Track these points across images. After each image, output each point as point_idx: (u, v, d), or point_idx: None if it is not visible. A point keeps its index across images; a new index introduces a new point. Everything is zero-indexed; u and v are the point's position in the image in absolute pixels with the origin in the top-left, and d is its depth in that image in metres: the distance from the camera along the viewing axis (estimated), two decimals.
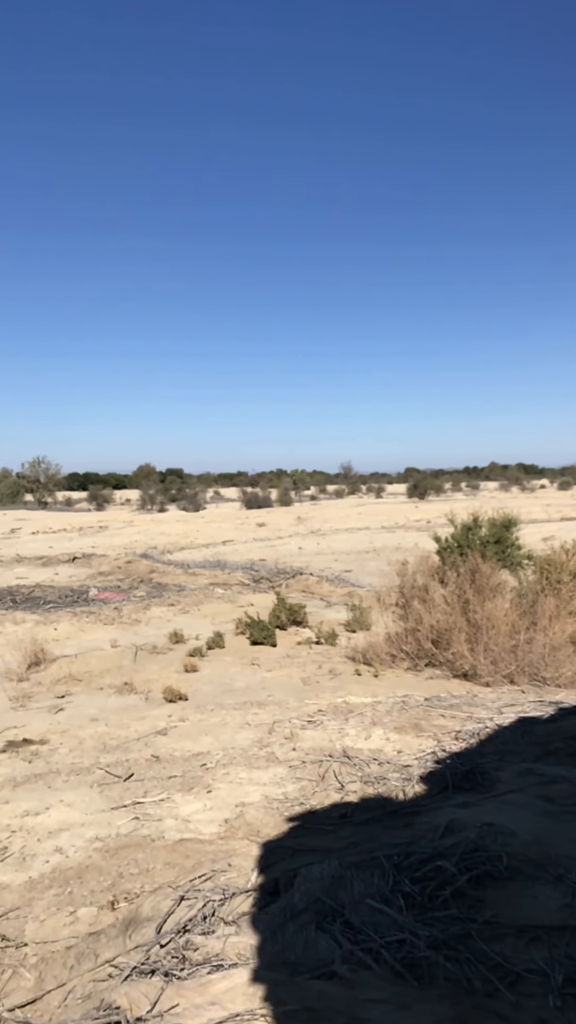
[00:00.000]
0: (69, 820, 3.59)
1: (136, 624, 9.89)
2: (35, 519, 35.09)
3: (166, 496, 49.92)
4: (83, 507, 49.19)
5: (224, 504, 51.48)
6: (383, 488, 64.39)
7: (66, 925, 2.57)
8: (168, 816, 3.59)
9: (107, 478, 77.17)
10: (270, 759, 4.39)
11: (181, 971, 2.04)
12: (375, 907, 2.21)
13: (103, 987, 2.08)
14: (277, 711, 5.59)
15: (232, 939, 2.18)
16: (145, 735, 5.09)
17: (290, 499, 48.24)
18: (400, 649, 7.05)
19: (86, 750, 4.82)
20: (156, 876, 2.93)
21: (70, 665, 7.45)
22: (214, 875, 2.85)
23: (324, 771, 4.06)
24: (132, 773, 4.27)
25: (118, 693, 6.55)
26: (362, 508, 40.03)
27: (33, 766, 4.48)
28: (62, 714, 5.87)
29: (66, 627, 9.41)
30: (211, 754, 4.57)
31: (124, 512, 43.37)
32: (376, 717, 5.10)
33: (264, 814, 3.53)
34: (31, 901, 2.78)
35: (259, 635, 8.34)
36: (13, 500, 49.50)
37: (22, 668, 7.14)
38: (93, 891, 2.84)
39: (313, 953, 2.01)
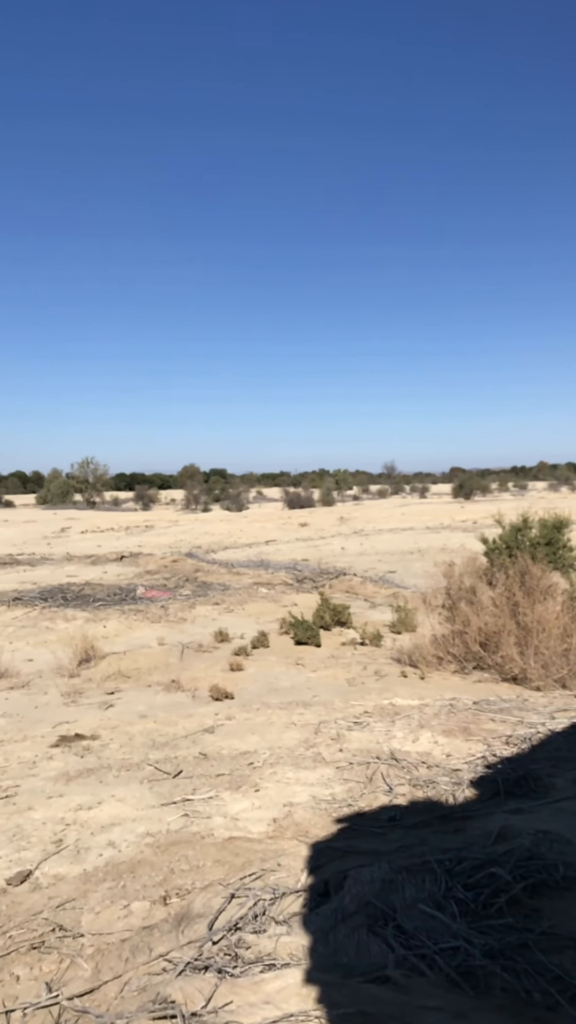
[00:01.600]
0: (121, 815, 3.66)
1: (182, 622, 10.02)
2: (84, 518, 35.90)
3: (210, 496, 50.41)
4: (129, 507, 50.09)
5: (267, 504, 51.69)
6: (427, 488, 63.64)
7: (120, 918, 2.62)
8: (217, 814, 3.62)
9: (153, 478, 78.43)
10: (317, 760, 4.39)
11: (234, 968, 2.05)
12: (428, 912, 2.19)
13: (158, 981, 2.12)
14: (323, 711, 5.59)
15: (284, 939, 2.18)
16: (193, 732, 5.15)
17: (332, 499, 48.12)
18: (447, 651, 6.95)
19: (136, 746, 4.90)
20: (206, 873, 2.96)
21: (119, 662, 7.59)
22: (264, 874, 2.86)
23: (372, 773, 4.04)
24: (181, 770, 4.32)
25: (166, 691, 6.65)
26: (406, 508, 39.65)
27: (85, 761, 4.58)
28: (112, 710, 5.99)
29: (115, 625, 9.60)
30: (258, 753, 4.60)
31: (169, 512, 43.99)
32: (423, 720, 5.05)
33: (312, 814, 3.52)
34: (86, 893, 2.84)
35: (303, 635, 8.35)
36: (63, 500, 50.74)
37: (73, 664, 7.31)
38: (145, 886, 2.88)
39: (365, 956, 2.00)
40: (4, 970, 2.31)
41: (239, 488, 56.84)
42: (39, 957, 2.38)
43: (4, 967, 2.33)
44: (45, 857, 3.20)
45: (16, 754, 4.70)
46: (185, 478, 63.40)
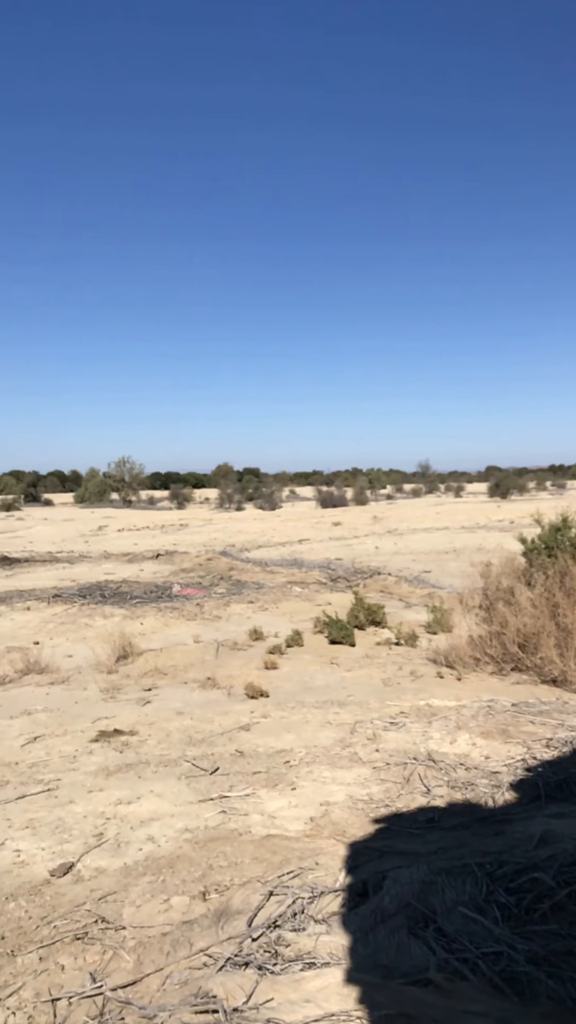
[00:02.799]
0: (159, 810, 3.71)
1: (217, 620, 10.09)
2: (120, 517, 36.41)
3: (243, 495, 50.64)
4: (164, 505, 50.63)
5: (299, 503, 51.71)
6: (462, 487, 62.83)
7: (160, 912, 2.66)
8: (254, 811, 3.64)
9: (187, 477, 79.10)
10: (353, 759, 4.38)
11: (274, 966, 2.06)
12: (469, 916, 2.17)
13: (199, 975, 2.14)
14: (358, 711, 5.57)
15: (323, 938, 2.19)
16: (229, 730, 5.19)
17: (366, 498, 47.90)
18: (484, 652, 6.86)
19: (173, 742, 4.96)
20: (244, 870, 2.98)
21: (156, 659, 7.68)
22: (301, 872, 2.87)
23: (409, 774, 4.01)
24: (217, 767, 4.36)
25: (201, 688, 6.70)
26: (441, 508, 39.25)
27: (124, 756, 4.65)
28: (149, 706, 6.06)
29: (151, 622, 9.71)
30: (294, 752, 4.61)
31: (203, 510, 44.34)
32: (461, 721, 4.99)
33: (349, 814, 3.52)
34: (127, 887, 2.88)
35: (338, 634, 8.33)
36: (100, 498, 51.56)
37: (111, 661, 7.42)
38: (184, 881, 2.91)
39: (406, 958, 1.99)
40: (49, 959, 2.37)
41: (272, 487, 56.96)
42: (83, 947, 2.42)
43: (50, 956, 2.39)
44: (87, 850, 3.26)
45: (57, 748, 4.80)
46: (219, 477, 63.81)
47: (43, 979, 2.25)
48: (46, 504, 54.28)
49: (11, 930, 2.59)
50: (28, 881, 2.98)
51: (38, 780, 4.21)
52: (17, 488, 56.31)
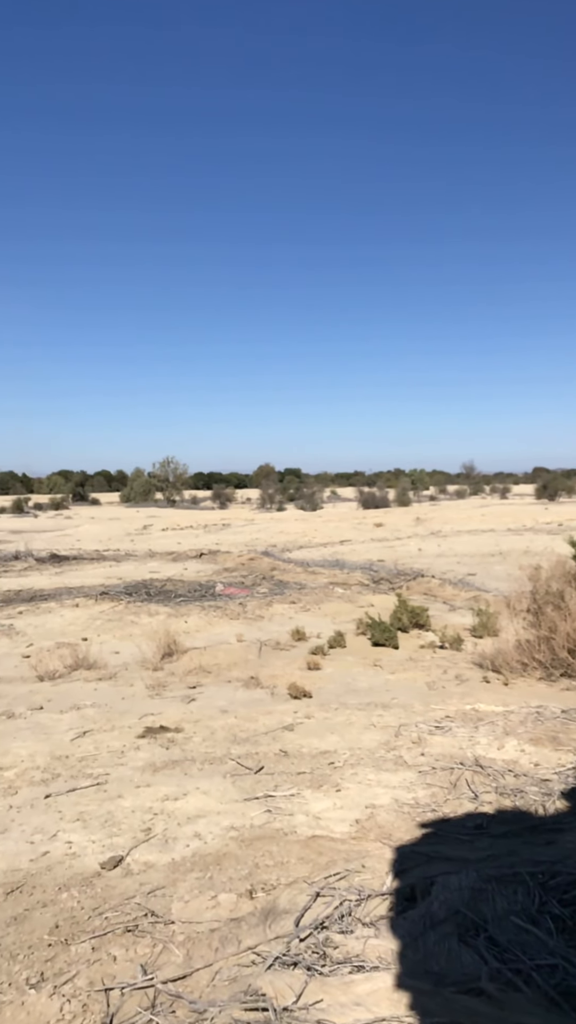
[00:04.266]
0: (205, 807, 3.75)
1: (259, 620, 10.14)
2: (164, 516, 36.93)
3: (284, 495, 50.76)
4: (207, 505, 51.15)
5: (341, 504, 51.55)
6: (508, 488, 61.59)
7: (208, 908, 2.68)
8: (299, 812, 3.65)
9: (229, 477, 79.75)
10: (398, 762, 4.35)
11: (322, 967, 2.06)
12: (521, 926, 2.13)
13: (247, 972, 2.15)
14: (402, 714, 5.52)
15: (372, 941, 2.18)
16: (272, 730, 5.21)
17: (408, 499, 47.42)
18: (532, 657, 6.72)
19: (218, 740, 5.00)
20: (290, 870, 2.98)
21: (200, 657, 7.76)
22: (348, 875, 2.86)
23: (455, 779, 3.96)
24: (262, 766, 4.38)
25: (245, 687, 6.74)
26: (486, 509, 38.59)
27: (170, 752, 4.71)
28: (194, 704, 6.13)
29: (195, 620, 9.82)
30: (338, 753, 4.60)
31: (245, 510, 44.61)
32: (509, 727, 4.90)
33: (395, 817, 3.49)
34: (175, 882, 2.92)
35: (381, 636, 8.27)
36: (145, 498, 52.42)
37: (157, 658, 7.53)
38: (231, 878, 2.94)
39: (457, 966, 1.97)
40: (102, 949, 2.42)
41: (313, 487, 56.92)
42: (134, 940, 2.47)
43: (102, 946, 2.44)
44: (135, 844, 3.31)
45: (106, 743, 4.89)
46: (260, 477, 64.12)
47: (96, 969, 2.30)
48: (93, 503, 55.48)
49: (64, 919, 2.66)
50: (80, 872, 3.05)
51: (87, 774, 4.30)
52: (65, 488, 57.77)
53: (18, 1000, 2.15)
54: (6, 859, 3.19)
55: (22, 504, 43.86)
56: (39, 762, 4.51)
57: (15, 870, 3.09)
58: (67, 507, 47.16)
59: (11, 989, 2.22)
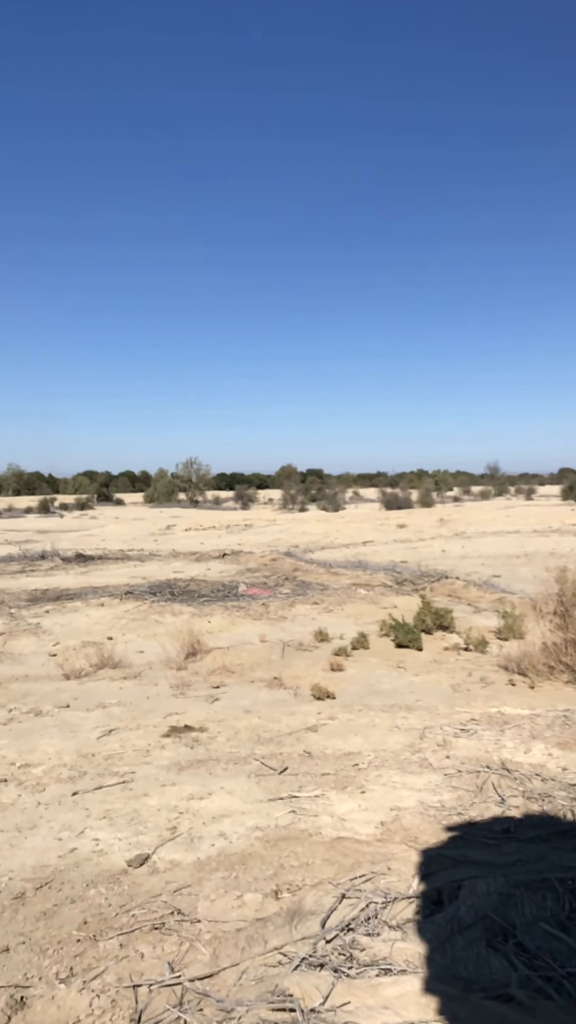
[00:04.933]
0: (230, 807, 3.76)
1: (282, 620, 10.14)
2: (187, 516, 37.15)
3: (306, 496, 50.73)
4: (229, 506, 51.33)
5: (363, 504, 51.38)
6: (534, 489, 60.88)
7: (234, 908, 2.69)
8: (324, 813, 3.65)
9: (251, 478, 79.95)
10: (423, 765, 4.32)
11: (349, 969, 2.06)
12: (551, 933, 2.10)
13: (274, 973, 2.16)
14: (427, 716, 5.49)
15: (399, 944, 2.17)
16: (296, 730, 5.21)
17: (432, 500, 47.12)
18: (559, 660, 6.63)
19: (242, 740, 5.02)
20: (316, 871, 2.98)
21: (223, 657, 7.79)
22: (373, 877, 2.85)
23: (482, 782, 3.92)
24: (286, 767, 4.38)
25: (268, 687, 6.75)
26: (511, 510, 38.18)
27: (194, 752, 4.74)
28: (218, 704, 6.15)
29: (219, 620, 9.86)
30: (362, 755, 4.58)
31: (267, 511, 44.68)
32: (535, 731, 4.85)
33: (421, 820, 3.47)
34: (201, 881, 2.94)
35: (404, 638, 8.23)
36: (168, 498, 52.80)
37: (181, 658, 7.57)
38: (257, 878, 2.95)
39: (486, 972, 1.95)
40: (129, 946, 2.44)
41: (335, 488, 56.80)
42: (160, 937, 2.49)
43: (129, 943, 2.46)
44: (161, 843, 3.34)
45: (131, 742, 4.94)
46: (282, 478, 64.20)
47: (124, 965, 2.33)
48: (117, 503, 56.04)
49: (92, 916, 2.69)
50: (107, 870, 3.08)
51: (113, 772, 4.34)
52: (90, 488, 58.43)
53: (48, 994, 2.18)
54: (35, 855, 3.23)
55: (48, 504, 44.46)
56: (66, 760, 4.57)
57: (44, 866, 3.13)
58: (92, 507, 47.71)
59: (41, 983, 2.25)
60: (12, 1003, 2.13)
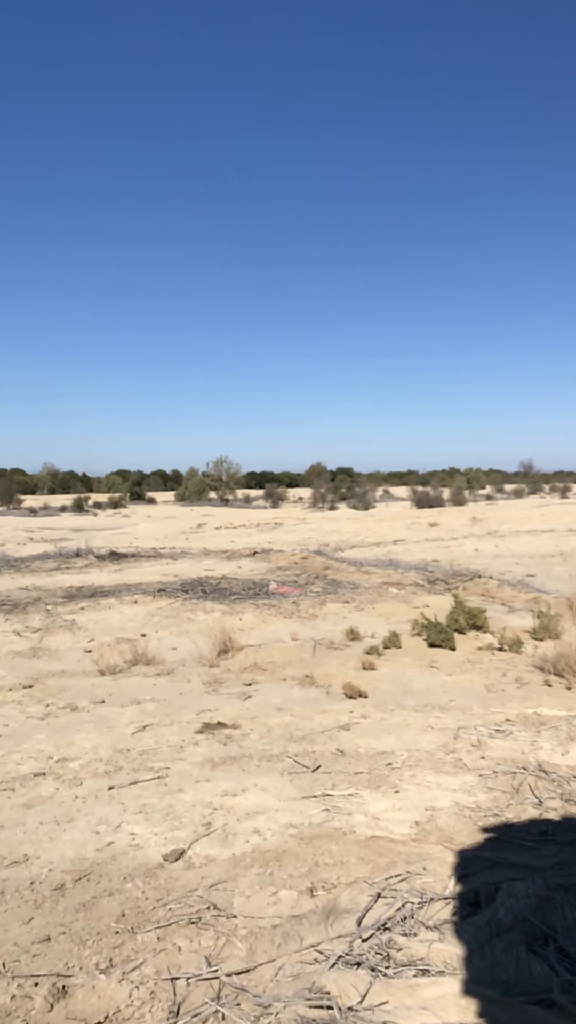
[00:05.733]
0: (264, 804, 3.77)
1: (313, 619, 10.14)
2: (218, 515, 37.37)
3: (336, 494, 50.62)
4: (259, 504, 51.49)
5: (394, 503, 51.04)
6: (569, 488, 59.72)
7: (269, 904, 2.70)
8: (357, 811, 3.64)
9: (281, 477, 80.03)
10: (458, 765, 4.28)
11: (386, 968, 2.05)
12: None
13: (310, 970, 2.16)
14: (461, 717, 5.44)
15: (436, 945, 2.15)
16: (328, 729, 5.21)
17: (464, 498, 46.56)
18: None
19: (274, 738, 5.03)
20: (350, 869, 2.98)
21: (255, 655, 7.82)
22: (409, 877, 2.84)
23: (518, 784, 3.87)
24: (319, 765, 4.38)
25: (300, 685, 6.76)
26: (545, 509, 37.54)
27: (228, 749, 4.77)
28: (250, 701, 6.18)
29: (250, 618, 9.90)
30: (395, 754, 4.56)
31: (297, 510, 44.69)
32: (573, 732, 4.77)
33: (456, 821, 3.44)
34: (236, 876, 2.96)
35: (437, 637, 8.15)
36: (199, 497, 53.21)
37: (213, 655, 7.63)
38: (291, 875, 2.95)
39: (526, 976, 1.92)
40: (167, 939, 2.47)
41: (366, 486, 56.54)
42: (197, 932, 2.51)
43: (166, 936, 2.49)
44: (196, 838, 3.37)
45: (165, 738, 4.99)
46: (312, 476, 64.12)
47: (162, 958, 2.35)
48: (149, 502, 56.67)
49: (130, 908, 2.72)
50: (143, 864, 3.12)
51: (148, 767, 4.40)
52: (123, 487, 59.18)
53: (89, 984, 2.21)
54: (73, 848, 3.29)
55: (82, 503, 45.17)
56: (102, 754, 4.64)
57: (82, 858, 3.18)
58: (125, 506, 48.32)
59: (82, 973, 2.29)
60: (54, 991, 2.17)
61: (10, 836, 3.42)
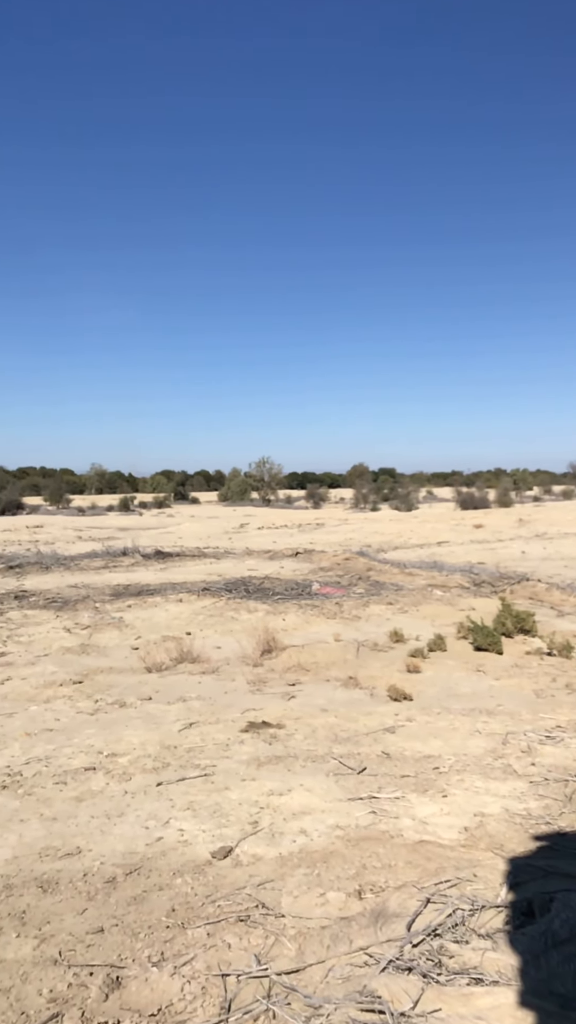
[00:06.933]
0: (310, 805, 3.77)
1: (356, 620, 10.09)
2: (260, 515, 37.55)
3: (379, 495, 50.27)
4: (301, 504, 51.53)
5: (437, 504, 50.39)
6: None
7: (317, 905, 2.70)
8: (404, 815, 3.61)
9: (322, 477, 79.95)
10: (507, 771, 4.20)
11: (438, 975, 2.03)
12: None
13: (360, 973, 2.15)
14: (509, 722, 5.34)
15: (489, 954, 2.12)
16: (373, 731, 5.17)
17: (510, 499, 45.63)
18: None
19: (319, 739, 5.03)
20: (399, 873, 2.95)
21: (298, 655, 7.83)
22: (459, 883, 2.80)
23: (571, 792, 3.78)
24: (365, 767, 4.36)
25: (343, 686, 6.74)
26: None
27: (273, 748, 4.79)
28: (294, 701, 6.19)
29: (293, 618, 9.92)
30: (442, 758, 4.51)
31: (338, 510, 44.56)
32: None
33: (506, 828, 3.38)
34: (283, 876, 2.97)
35: (483, 641, 8.02)
36: (241, 497, 53.61)
37: (256, 654, 7.67)
38: (339, 877, 2.95)
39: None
40: (216, 936, 2.49)
41: (408, 487, 55.97)
42: (246, 929, 2.53)
43: (216, 933, 2.51)
44: (243, 836, 3.39)
45: (211, 736, 5.04)
46: (354, 477, 63.88)
47: (212, 954, 2.38)
48: (193, 502, 57.36)
49: (180, 904, 2.76)
50: (192, 860, 3.16)
51: (195, 765, 4.45)
52: (167, 487, 60.06)
53: (142, 976, 2.25)
54: (124, 842, 3.35)
55: (128, 502, 46.03)
56: (150, 751, 4.71)
57: (132, 852, 3.24)
58: (169, 505, 49.04)
59: (135, 965, 2.33)
60: (109, 982, 2.22)
61: (63, 828, 3.51)
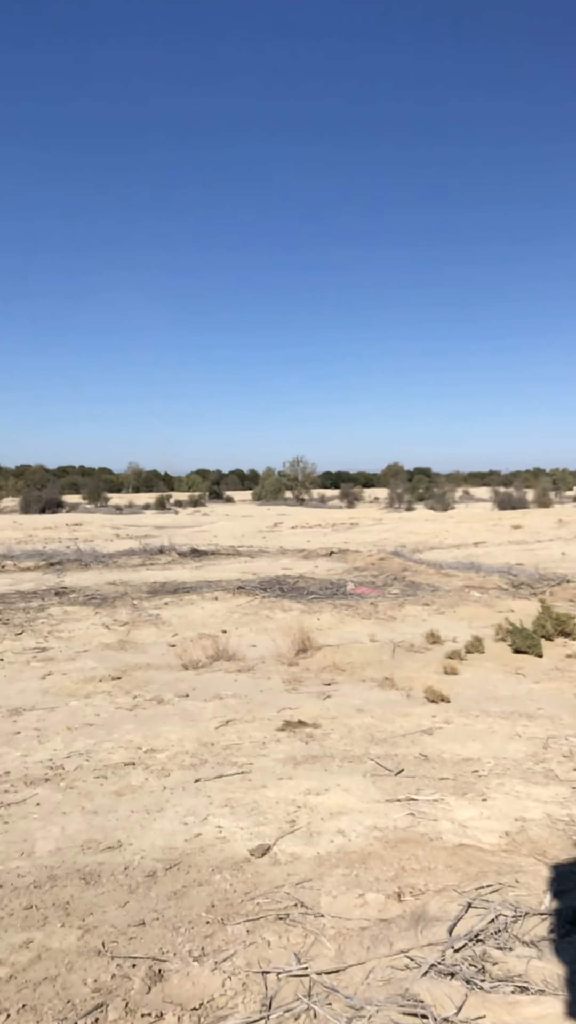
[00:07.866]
0: (347, 805, 3.76)
1: (392, 621, 10.02)
2: (294, 514, 37.57)
3: (414, 495, 49.82)
4: (335, 504, 51.39)
5: (474, 504, 49.71)
6: None
7: (356, 906, 2.69)
8: (443, 818, 3.57)
9: (357, 476, 79.50)
10: (548, 776, 4.13)
11: (482, 982, 2.00)
12: None
13: (401, 976, 2.14)
14: (550, 726, 5.24)
15: (534, 962, 2.08)
16: (410, 732, 5.13)
17: (549, 500, 44.77)
18: None
19: (355, 739, 5.01)
20: (438, 876, 2.92)
21: (333, 655, 7.81)
22: (501, 888, 2.75)
23: None
24: (402, 768, 4.33)
25: (380, 687, 6.70)
26: None
27: (309, 748, 4.78)
28: (329, 701, 6.18)
29: (327, 618, 9.90)
30: (481, 761, 4.44)
31: (373, 510, 44.30)
32: None
33: (549, 833, 3.32)
34: (321, 876, 2.96)
35: (522, 643, 7.88)
36: (275, 496, 53.76)
37: (292, 653, 7.67)
38: (378, 879, 2.93)
39: None
40: (256, 933, 2.50)
41: (444, 487, 55.32)
42: (285, 928, 2.53)
43: (255, 930, 2.52)
44: (281, 835, 3.39)
45: (248, 734, 5.06)
46: (388, 476, 63.42)
47: (252, 951, 2.39)
48: (227, 501, 57.72)
49: (219, 900, 2.78)
50: (230, 857, 3.17)
51: (232, 762, 4.47)
52: (202, 486, 60.60)
53: (183, 970, 2.27)
54: (163, 837, 3.38)
55: (164, 501, 46.55)
56: (187, 747, 4.75)
57: (171, 848, 3.27)
58: (204, 504, 49.46)
59: (176, 959, 2.36)
60: (151, 974, 2.24)
61: (104, 822, 3.56)
